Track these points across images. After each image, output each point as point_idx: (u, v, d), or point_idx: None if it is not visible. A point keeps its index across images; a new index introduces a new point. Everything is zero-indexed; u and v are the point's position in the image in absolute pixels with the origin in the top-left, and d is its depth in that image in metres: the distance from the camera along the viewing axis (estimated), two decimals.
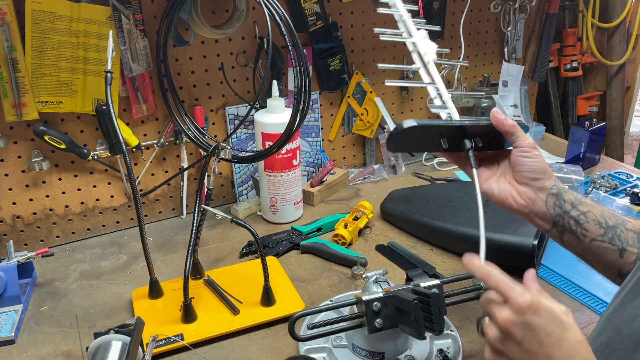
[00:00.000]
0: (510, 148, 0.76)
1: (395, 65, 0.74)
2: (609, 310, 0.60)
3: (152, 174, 1.30)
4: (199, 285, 1.06)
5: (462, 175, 1.50)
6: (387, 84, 0.82)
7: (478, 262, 0.64)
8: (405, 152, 0.79)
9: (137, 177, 1.27)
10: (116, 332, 0.79)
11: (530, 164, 0.74)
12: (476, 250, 0.83)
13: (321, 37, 1.36)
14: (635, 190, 1.35)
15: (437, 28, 0.87)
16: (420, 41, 0.85)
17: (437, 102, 0.80)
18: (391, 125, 0.75)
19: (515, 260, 1.07)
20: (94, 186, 1.25)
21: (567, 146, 1.53)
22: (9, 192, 1.17)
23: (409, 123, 0.71)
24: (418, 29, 0.87)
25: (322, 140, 1.48)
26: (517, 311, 0.57)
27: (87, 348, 0.80)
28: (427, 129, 0.74)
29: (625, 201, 1.32)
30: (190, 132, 1.24)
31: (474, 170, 0.75)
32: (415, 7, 0.81)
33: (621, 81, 1.88)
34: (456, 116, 0.77)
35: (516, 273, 1.08)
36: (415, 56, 0.84)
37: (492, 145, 0.80)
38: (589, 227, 0.73)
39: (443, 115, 0.78)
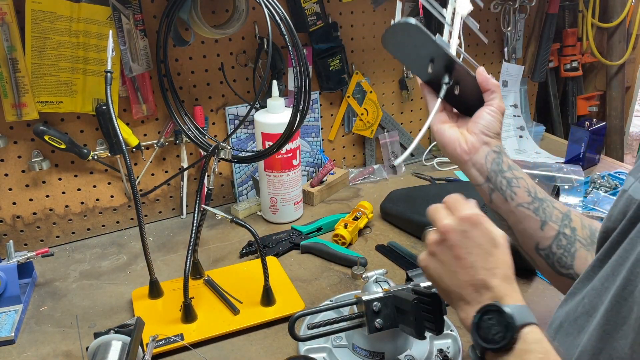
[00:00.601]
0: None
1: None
2: (562, 303, 0.64)
3: (152, 174, 1.30)
4: (199, 285, 1.06)
5: (462, 176, 1.50)
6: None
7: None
8: (394, 55, 0.80)
9: (137, 177, 1.27)
10: (116, 332, 0.79)
11: (491, 122, 0.78)
12: None
13: (321, 37, 1.36)
14: None
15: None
16: None
17: (446, 38, 0.83)
18: (397, 18, 0.77)
19: (515, 261, 1.07)
20: (94, 186, 1.25)
21: (567, 146, 1.53)
22: (9, 192, 1.17)
23: (412, 20, 0.74)
24: None
25: (322, 140, 1.48)
26: (459, 219, 0.64)
27: (87, 348, 0.80)
28: (425, 40, 0.75)
29: None
30: (190, 132, 1.24)
31: (438, 100, 0.78)
32: None
33: (621, 81, 1.88)
34: (456, 58, 0.79)
35: (517, 273, 1.08)
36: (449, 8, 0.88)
37: (462, 103, 0.83)
38: (519, 192, 0.76)
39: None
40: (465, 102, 0.83)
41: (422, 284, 0.77)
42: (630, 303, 0.49)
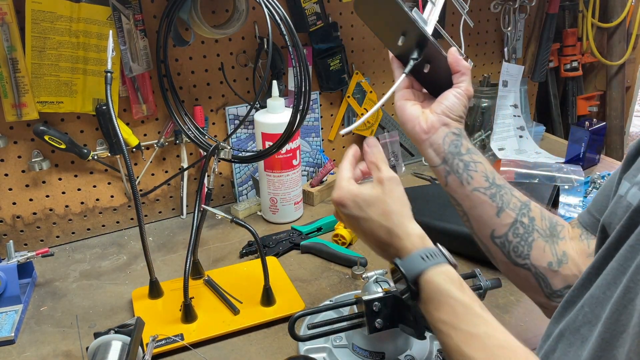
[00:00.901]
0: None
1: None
2: (558, 310, 0.63)
3: (152, 174, 1.30)
4: (199, 285, 1.06)
5: None
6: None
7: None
8: (364, 22, 0.78)
9: (137, 177, 1.27)
10: (116, 332, 0.79)
11: (455, 104, 0.76)
12: (478, 251, 0.83)
13: (321, 37, 1.36)
14: None
15: None
16: None
17: (426, 15, 0.80)
18: None
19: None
20: (94, 186, 1.25)
21: (567, 146, 1.53)
22: (9, 192, 1.17)
23: None
24: None
25: (322, 140, 1.48)
26: (333, 200, 0.72)
27: (87, 348, 0.80)
28: (398, 11, 0.72)
29: None
30: (190, 132, 1.24)
31: (402, 75, 0.76)
32: None
33: (621, 81, 1.88)
34: (429, 34, 0.76)
35: None
36: None
37: (431, 83, 0.81)
38: (475, 176, 0.74)
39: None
40: (434, 82, 0.81)
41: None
42: (630, 310, 0.48)
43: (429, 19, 0.79)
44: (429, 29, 0.77)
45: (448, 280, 0.61)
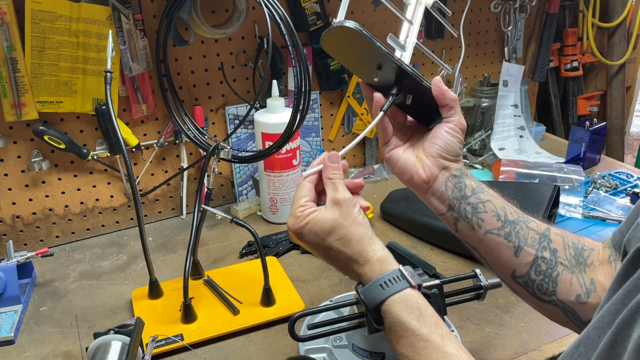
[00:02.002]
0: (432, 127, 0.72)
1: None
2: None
3: (152, 174, 1.30)
4: (198, 285, 1.05)
5: None
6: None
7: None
8: (335, 58, 0.72)
9: (137, 177, 1.27)
10: (116, 333, 0.79)
11: (450, 143, 0.70)
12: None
13: None
14: (636, 190, 1.35)
15: None
16: None
17: (401, 38, 0.72)
18: (339, 17, 0.67)
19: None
20: (94, 186, 1.25)
21: (568, 146, 1.53)
22: (8, 192, 1.17)
23: (351, 24, 0.64)
24: None
25: (322, 140, 1.48)
26: (289, 229, 0.68)
27: (86, 348, 0.79)
28: (368, 45, 0.66)
29: (625, 201, 1.32)
30: (190, 132, 1.24)
31: (380, 114, 0.70)
32: None
33: (621, 81, 1.88)
34: (406, 62, 0.69)
35: None
36: None
37: (416, 113, 0.75)
38: (486, 218, 0.69)
39: (397, 54, 0.70)
40: (419, 112, 0.74)
41: (422, 284, 0.76)
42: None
43: (406, 41, 0.72)
44: (407, 55, 0.70)
45: (406, 310, 0.58)
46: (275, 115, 1.21)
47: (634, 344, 0.40)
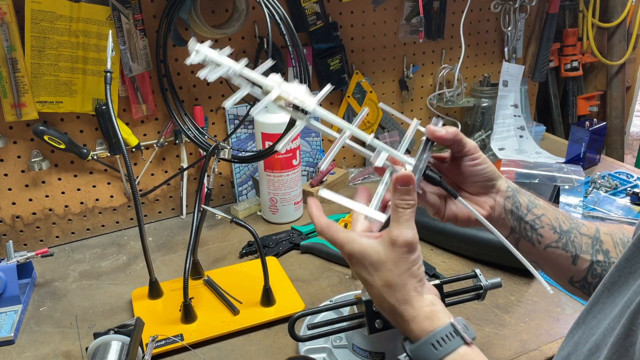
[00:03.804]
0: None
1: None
2: (573, 325, 0.59)
3: (152, 174, 1.30)
4: (198, 285, 1.05)
5: None
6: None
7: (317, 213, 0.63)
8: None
9: (137, 177, 1.27)
10: (116, 333, 0.79)
11: (484, 170, 0.69)
12: (478, 251, 0.82)
13: (321, 37, 1.35)
14: (636, 190, 1.35)
15: (269, 63, 0.67)
16: (287, 90, 0.64)
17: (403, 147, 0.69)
18: (408, 166, 0.63)
19: (516, 261, 1.06)
20: (94, 186, 1.25)
21: (568, 146, 1.53)
22: (8, 192, 1.17)
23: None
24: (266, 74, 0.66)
25: (322, 140, 1.48)
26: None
27: (86, 348, 0.79)
28: None
29: (625, 201, 1.32)
30: (190, 132, 1.24)
31: (460, 199, 0.67)
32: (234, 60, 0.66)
33: (621, 81, 1.88)
34: (402, 156, 0.66)
35: (517, 273, 1.08)
36: (295, 113, 0.66)
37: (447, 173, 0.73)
38: (544, 233, 0.70)
39: (378, 161, 0.65)
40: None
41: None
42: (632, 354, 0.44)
43: (383, 147, 0.66)
44: (401, 155, 0.66)
45: None
46: (275, 115, 1.21)
47: None
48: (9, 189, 1.17)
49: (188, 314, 0.95)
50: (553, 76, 1.88)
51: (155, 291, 1.02)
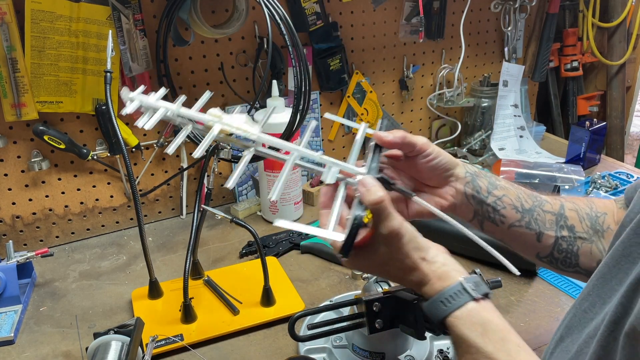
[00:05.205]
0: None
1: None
2: (568, 311, 0.60)
3: (152, 174, 1.30)
4: (198, 285, 1.05)
5: None
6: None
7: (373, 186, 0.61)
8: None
9: (137, 177, 1.27)
10: (116, 333, 0.79)
11: (439, 164, 0.71)
12: (478, 251, 0.82)
13: (321, 37, 1.35)
14: None
15: (162, 91, 0.69)
16: (229, 122, 0.65)
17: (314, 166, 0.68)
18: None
19: (516, 261, 1.06)
20: (94, 186, 1.25)
21: (568, 146, 1.53)
22: (8, 192, 1.17)
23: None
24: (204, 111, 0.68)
25: (322, 140, 1.48)
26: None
27: (86, 348, 0.79)
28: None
29: None
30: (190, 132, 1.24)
31: (415, 198, 0.68)
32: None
33: (621, 81, 1.88)
34: (352, 167, 0.65)
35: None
36: (247, 143, 0.67)
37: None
38: (506, 213, 0.73)
39: (330, 177, 0.64)
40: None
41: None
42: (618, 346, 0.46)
43: (331, 162, 0.66)
44: (352, 166, 0.66)
45: (469, 327, 0.56)
46: (275, 115, 1.21)
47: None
48: (9, 189, 1.17)
49: (188, 314, 0.95)
50: (553, 76, 1.88)
51: (155, 291, 1.02)
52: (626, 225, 0.55)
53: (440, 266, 0.60)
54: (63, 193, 1.22)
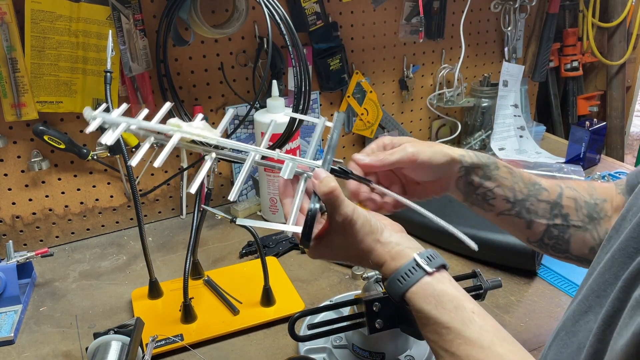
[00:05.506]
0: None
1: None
2: (563, 319, 0.59)
3: (152, 174, 1.30)
4: (198, 285, 1.05)
5: None
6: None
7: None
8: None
9: (137, 177, 1.27)
10: (116, 333, 0.79)
11: (431, 167, 0.71)
12: (478, 251, 0.81)
13: (321, 37, 1.35)
14: None
15: (145, 111, 0.70)
16: (188, 131, 0.68)
17: (288, 170, 0.66)
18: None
19: (516, 261, 1.07)
20: (94, 186, 1.25)
21: (568, 146, 1.52)
22: (8, 192, 1.17)
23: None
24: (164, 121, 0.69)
25: (322, 140, 1.48)
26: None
27: (86, 348, 0.79)
28: None
29: None
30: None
31: (374, 185, 0.71)
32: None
33: (621, 81, 1.88)
34: (307, 161, 0.67)
35: (517, 273, 1.08)
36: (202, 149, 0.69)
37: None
38: (495, 203, 0.74)
39: (288, 172, 0.65)
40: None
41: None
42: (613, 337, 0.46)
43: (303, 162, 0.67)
44: (315, 162, 0.68)
45: (424, 300, 0.59)
46: (275, 115, 1.21)
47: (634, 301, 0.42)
48: (9, 189, 1.17)
49: (188, 314, 0.95)
50: (553, 76, 1.88)
51: (155, 291, 1.02)
52: (627, 218, 0.55)
53: (394, 246, 0.63)
54: (63, 193, 1.22)
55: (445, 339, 0.57)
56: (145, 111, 0.69)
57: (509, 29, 1.62)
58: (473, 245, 0.66)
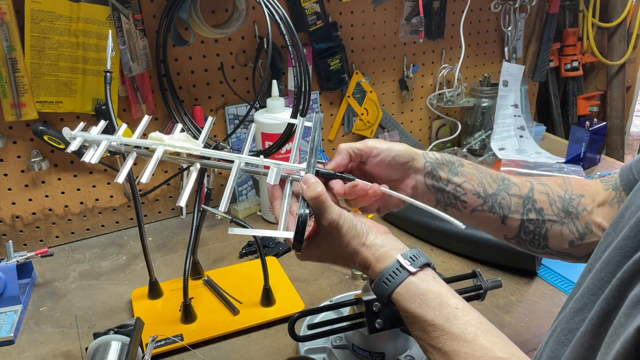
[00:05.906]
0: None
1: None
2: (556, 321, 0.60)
3: (152, 174, 1.30)
4: (198, 285, 1.05)
5: None
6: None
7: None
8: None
9: (137, 177, 1.27)
10: (115, 333, 0.79)
11: (393, 161, 0.73)
12: (478, 251, 0.82)
13: (321, 37, 1.35)
14: None
15: (124, 126, 0.72)
16: (171, 143, 0.70)
17: (274, 176, 0.70)
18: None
19: (516, 261, 1.07)
20: (94, 186, 1.25)
21: (568, 146, 1.52)
22: (8, 192, 1.17)
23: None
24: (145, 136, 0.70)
25: (322, 140, 1.48)
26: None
27: (86, 348, 0.79)
28: None
29: None
30: (189, 132, 1.24)
31: (357, 180, 0.72)
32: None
33: (622, 81, 1.88)
34: (292, 165, 0.70)
35: (517, 273, 1.08)
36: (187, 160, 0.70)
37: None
38: (467, 199, 0.74)
39: (274, 178, 0.69)
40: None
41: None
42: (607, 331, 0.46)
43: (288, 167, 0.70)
44: (302, 165, 0.70)
45: (409, 300, 0.60)
46: (275, 115, 1.21)
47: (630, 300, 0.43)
48: (9, 189, 1.17)
49: (188, 314, 0.95)
50: (553, 76, 1.88)
51: (155, 291, 1.02)
52: (625, 215, 0.54)
53: (379, 248, 0.64)
54: (63, 193, 1.22)
55: (432, 335, 0.58)
56: (124, 126, 0.70)
57: (509, 29, 1.62)
58: (460, 225, 0.68)
